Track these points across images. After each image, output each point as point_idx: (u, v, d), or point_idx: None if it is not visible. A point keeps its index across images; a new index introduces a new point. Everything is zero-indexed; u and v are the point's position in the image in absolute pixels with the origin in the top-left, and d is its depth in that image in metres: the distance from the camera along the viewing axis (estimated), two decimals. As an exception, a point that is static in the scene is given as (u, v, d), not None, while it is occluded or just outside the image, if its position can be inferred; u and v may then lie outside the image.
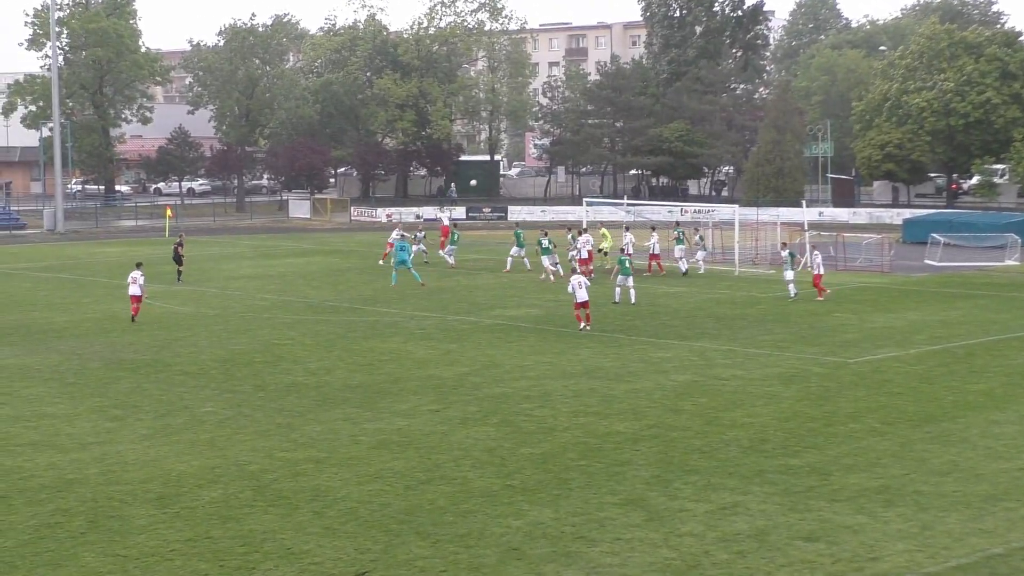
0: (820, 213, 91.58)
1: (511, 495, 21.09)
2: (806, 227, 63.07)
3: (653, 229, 58.79)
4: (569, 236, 57.99)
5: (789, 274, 47.28)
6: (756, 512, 20.08)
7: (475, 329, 40.01)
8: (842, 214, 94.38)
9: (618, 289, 45.64)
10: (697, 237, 58.82)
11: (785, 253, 48.52)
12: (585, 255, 53.78)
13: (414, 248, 58.28)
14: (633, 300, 45.42)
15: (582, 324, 39.26)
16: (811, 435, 25.28)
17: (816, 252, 50.18)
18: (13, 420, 27.19)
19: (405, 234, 59.92)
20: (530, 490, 21.39)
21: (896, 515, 19.92)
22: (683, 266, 56.33)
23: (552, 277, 53.26)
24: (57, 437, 25.53)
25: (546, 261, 54.32)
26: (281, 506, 20.55)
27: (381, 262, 60.45)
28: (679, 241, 57.44)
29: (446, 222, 68.34)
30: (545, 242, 54.76)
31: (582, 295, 39.15)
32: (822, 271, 48.71)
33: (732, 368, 32.85)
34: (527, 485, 21.70)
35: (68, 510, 20.44)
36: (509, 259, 58.45)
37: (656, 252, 56.57)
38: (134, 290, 42.25)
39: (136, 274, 42.66)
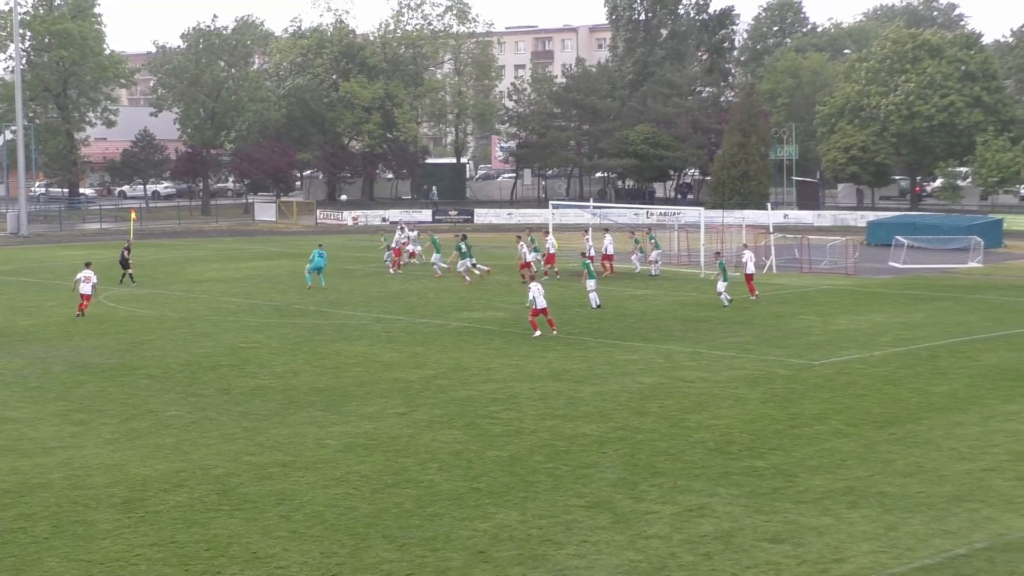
0: (785, 215, 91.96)
1: (478, 498, 21.09)
2: (771, 230, 63.37)
3: (606, 231, 59.13)
4: (529, 238, 58.21)
5: (721, 285, 45.80)
6: (722, 514, 20.14)
7: (441, 332, 39.99)
8: (807, 216, 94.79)
9: (593, 295, 45.46)
10: (634, 240, 59.33)
11: (718, 263, 47.10)
12: (530, 258, 54.03)
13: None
14: (597, 303, 45.35)
15: (537, 332, 38.74)
16: (776, 437, 25.38)
17: (747, 251, 50.70)
18: (-24, 425, 27.00)
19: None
20: (497, 493, 21.38)
21: (861, 516, 20.02)
22: (655, 269, 56.97)
23: (468, 279, 54.05)
24: (20, 442, 25.36)
25: (462, 265, 54.82)
26: (247, 510, 20.48)
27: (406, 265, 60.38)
28: (656, 246, 57.91)
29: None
30: (463, 246, 55.36)
31: (541, 302, 38.97)
32: (752, 271, 49.31)
33: (698, 370, 32.94)
34: (494, 488, 21.69)
35: (31, 515, 20.30)
36: (436, 267, 57.75)
37: (610, 253, 57.01)
38: (85, 289, 43.70)
39: (88, 273, 44.16)
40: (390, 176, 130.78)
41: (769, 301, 47.85)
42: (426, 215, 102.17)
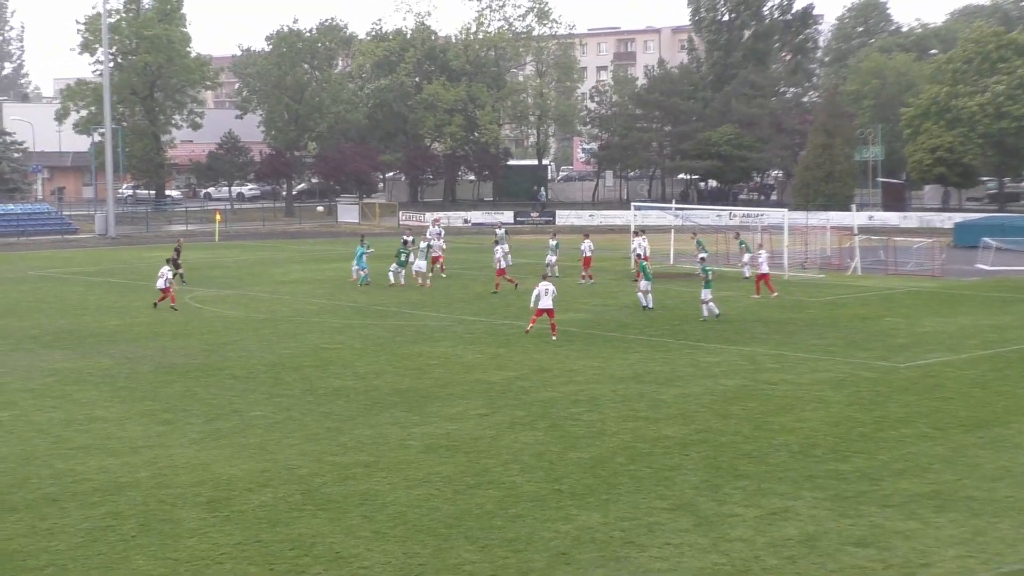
0: (870, 217, 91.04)
1: (559, 499, 21.06)
2: (856, 231, 62.76)
3: (636, 234, 58.63)
4: (554, 242, 58.24)
5: (706, 293, 42.83)
6: (806, 517, 19.96)
7: (523, 333, 39.97)
8: (892, 218, 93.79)
9: (646, 295, 45.11)
10: (696, 241, 58.89)
11: (702, 268, 44.47)
12: (550, 259, 54.45)
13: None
14: (649, 304, 44.92)
15: (530, 326, 38.72)
16: (861, 440, 25.11)
17: (762, 252, 50.40)
18: (65, 423, 27.42)
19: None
20: (579, 495, 21.34)
21: (948, 521, 19.75)
22: (747, 272, 56.37)
23: (401, 281, 53.83)
24: (108, 440, 25.71)
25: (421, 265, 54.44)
26: (330, 510, 20.60)
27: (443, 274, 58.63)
28: (746, 248, 57.60)
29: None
30: (408, 251, 55.01)
31: (546, 302, 38.79)
32: (767, 270, 49.41)
33: (781, 372, 32.68)
34: (576, 490, 21.65)
35: (119, 513, 20.57)
36: (391, 274, 55.53)
37: (646, 255, 56.90)
38: (160, 283, 47.14)
39: (164, 269, 47.69)
40: (472, 178, 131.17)
41: (854, 303, 47.39)
42: (507, 216, 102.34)
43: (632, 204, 77.17)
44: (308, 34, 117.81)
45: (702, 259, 48.56)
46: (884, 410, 27.98)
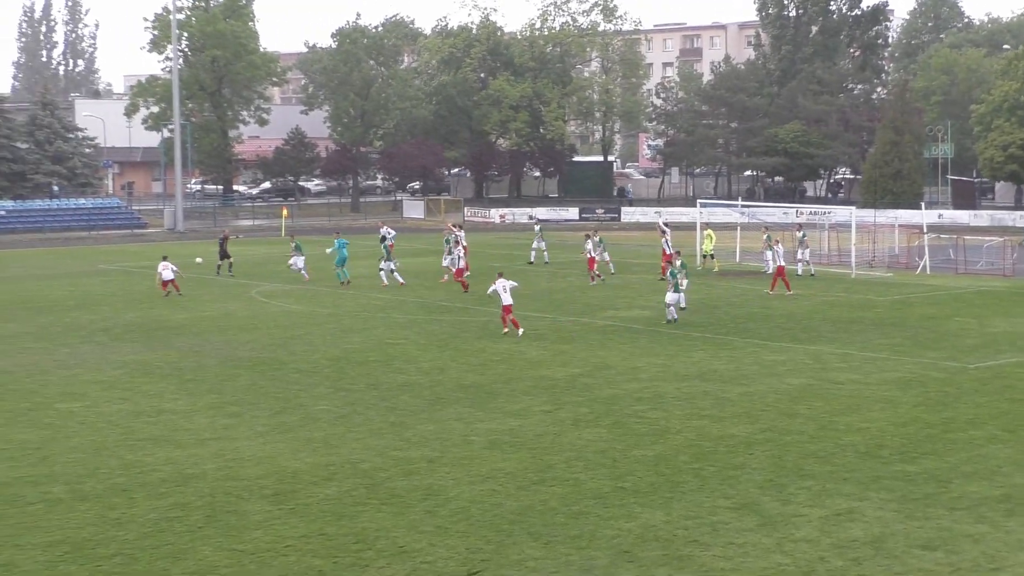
0: (940, 215, 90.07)
1: (623, 497, 20.99)
2: (925, 230, 62.12)
3: (663, 232, 58.02)
4: (597, 238, 58.04)
5: (671, 296, 41.40)
6: (872, 519, 19.76)
7: (587, 330, 39.91)
8: (963, 216, 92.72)
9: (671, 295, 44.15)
10: (765, 237, 58.15)
11: (669, 272, 42.38)
12: (599, 258, 54.68)
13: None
14: (683, 305, 43.63)
15: (506, 329, 38.43)
16: (929, 441, 24.83)
17: (778, 244, 50.07)
18: (134, 415, 27.71)
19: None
20: (642, 492, 21.26)
21: (1019, 525, 19.47)
22: (806, 268, 56.03)
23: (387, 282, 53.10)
24: (176, 432, 25.95)
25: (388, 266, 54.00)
26: (394, 504, 20.66)
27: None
28: (801, 244, 57.11)
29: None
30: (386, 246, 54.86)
31: (507, 299, 38.65)
32: (782, 262, 49.51)
33: (848, 372, 32.39)
34: (639, 487, 21.58)
35: (187, 504, 20.75)
36: (297, 267, 56.91)
37: (668, 252, 56.51)
38: (167, 275, 49.93)
39: (167, 264, 50.33)
40: (537, 174, 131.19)
41: (923, 303, 46.90)
42: (572, 213, 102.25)
43: (698, 201, 76.75)
44: (374, 30, 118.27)
45: (677, 252, 47.05)
46: (953, 411, 27.65)
